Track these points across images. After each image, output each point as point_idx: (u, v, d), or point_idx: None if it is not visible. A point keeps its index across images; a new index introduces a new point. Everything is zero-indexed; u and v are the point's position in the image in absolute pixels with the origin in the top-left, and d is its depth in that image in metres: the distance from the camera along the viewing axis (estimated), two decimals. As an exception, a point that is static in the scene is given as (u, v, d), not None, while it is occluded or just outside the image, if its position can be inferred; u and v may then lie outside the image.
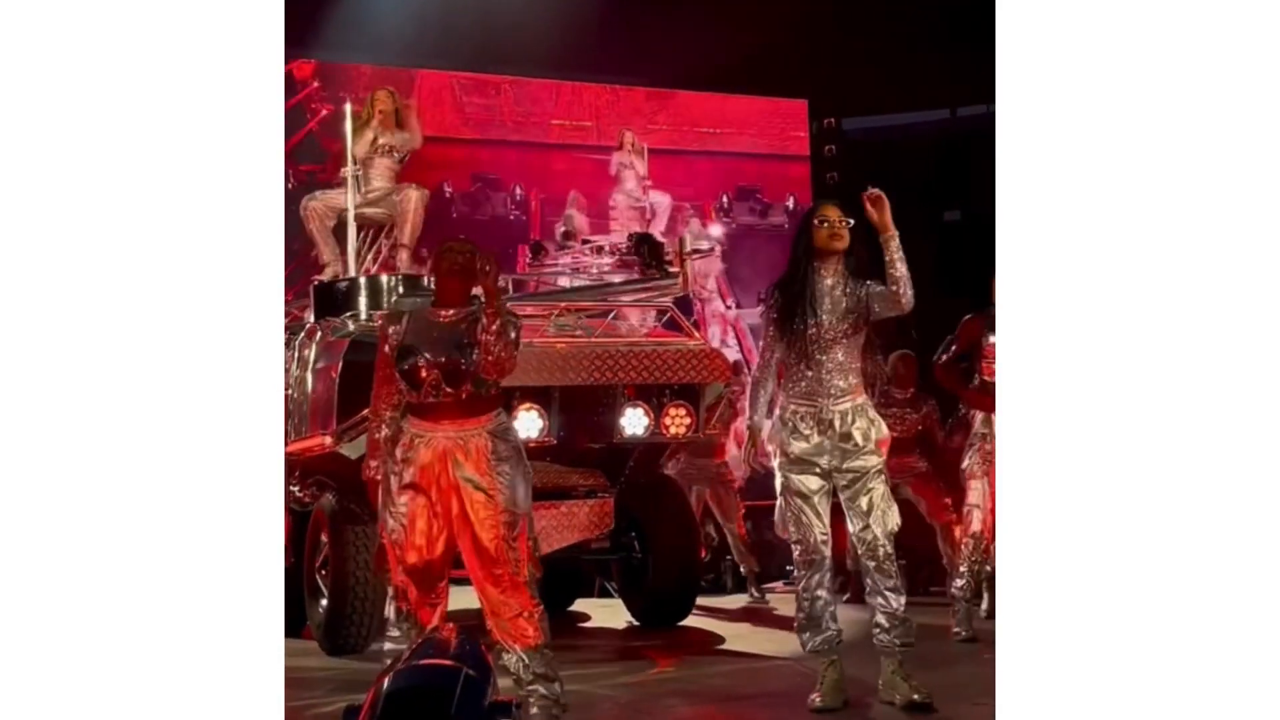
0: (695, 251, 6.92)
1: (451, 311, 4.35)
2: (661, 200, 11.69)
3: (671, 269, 6.72)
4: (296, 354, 6.60)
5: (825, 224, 4.49)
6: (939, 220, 13.52)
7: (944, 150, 13.21)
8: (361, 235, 7.26)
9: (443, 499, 4.27)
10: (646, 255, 6.72)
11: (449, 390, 4.25)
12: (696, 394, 6.52)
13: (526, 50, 11.19)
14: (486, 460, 4.26)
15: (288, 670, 5.49)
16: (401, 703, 3.00)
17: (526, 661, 4.20)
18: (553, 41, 11.06)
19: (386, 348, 4.35)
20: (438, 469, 4.27)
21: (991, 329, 5.96)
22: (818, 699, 4.47)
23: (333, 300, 6.71)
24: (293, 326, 6.80)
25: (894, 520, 4.51)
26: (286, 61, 2.80)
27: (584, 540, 6.60)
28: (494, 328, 4.11)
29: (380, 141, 7.28)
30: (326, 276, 7.15)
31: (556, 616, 7.66)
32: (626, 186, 11.37)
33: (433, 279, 4.73)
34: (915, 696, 4.38)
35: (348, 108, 7.22)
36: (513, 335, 4.21)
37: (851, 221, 4.49)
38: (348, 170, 7.06)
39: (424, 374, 4.27)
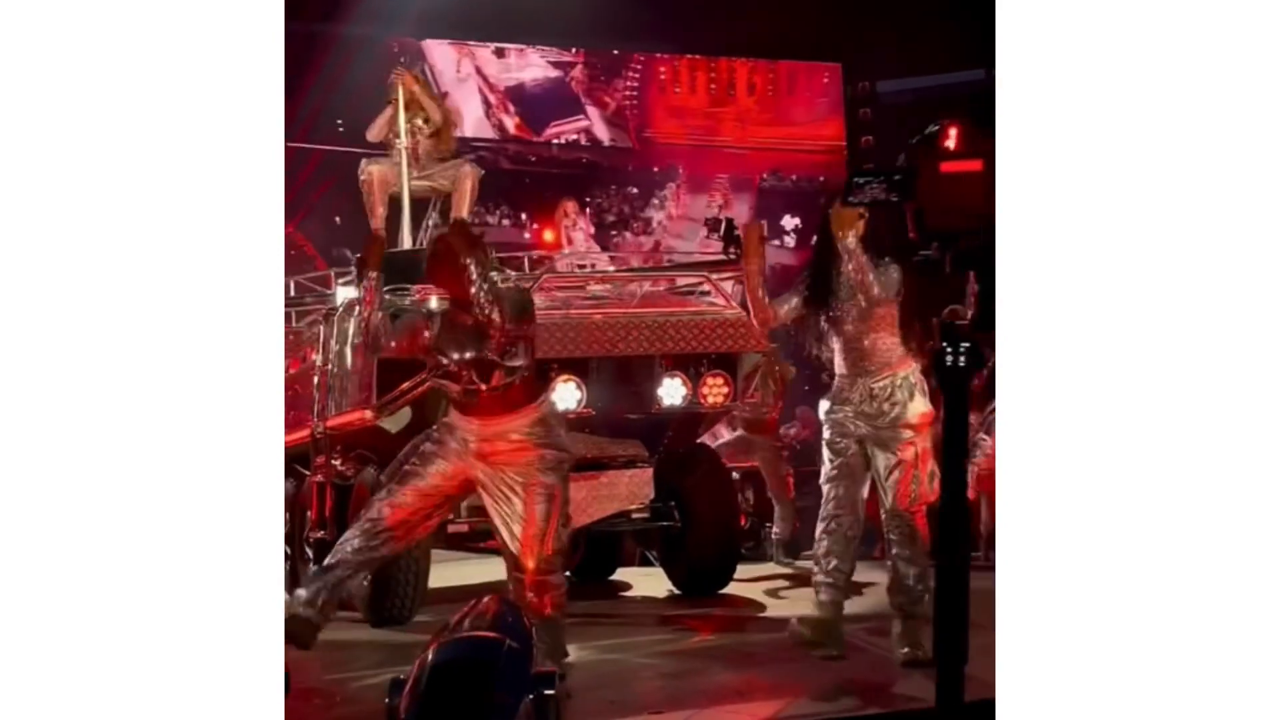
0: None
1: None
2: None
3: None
4: (336, 329, 6.64)
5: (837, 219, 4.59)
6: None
7: (979, 110, 13.10)
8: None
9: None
10: (726, 240, 6.80)
11: (482, 384, 4.32)
12: (734, 363, 6.53)
13: (552, 18, 11.13)
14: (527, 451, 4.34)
15: (333, 643, 5.58)
16: (446, 675, 3.04)
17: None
18: (584, 9, 11.01)
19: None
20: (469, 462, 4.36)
21: None
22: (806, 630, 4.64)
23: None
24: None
25: (919, 494, 4.61)
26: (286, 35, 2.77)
27: (624, 510, 6.63)
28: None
29: (405, 126, 7.29)
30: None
31: (598, 585, 7.76)
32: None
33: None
34: (916, 653, 4.52)
35: (399, 83, 7.19)
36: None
37: (865, 214, 4.56)
38: (401, 142, 7.05)
39: (455, 370, 4.37)
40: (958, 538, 2.37)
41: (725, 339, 6.40)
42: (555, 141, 13.36)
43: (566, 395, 6.16)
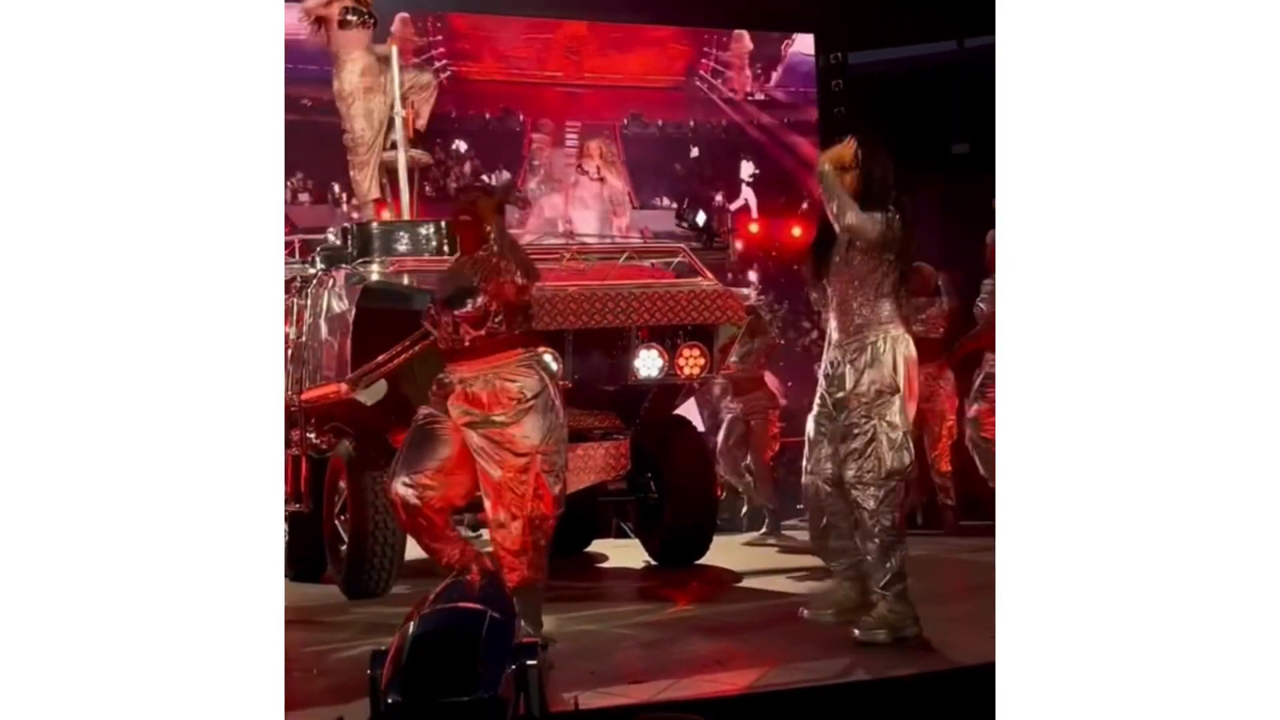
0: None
1: (466, 257, 4.62)
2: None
3: (719, 241, 6.82)
4: (310, 301, 6.60)
5: (821, 180, 4.55)
6: (947, 153, 13.45)
7: (951, 82, 13.11)
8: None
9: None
10: (706, 236, 6.81)
11: (463, 332, 4.48)
12: (710, 334, 6.53)
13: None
14: (504, 399, 4.49)
15: (311, 615, 5.58)
16: (428, 646, 3.03)
17: None
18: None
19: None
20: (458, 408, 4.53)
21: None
22: (859, 632, 4.47)
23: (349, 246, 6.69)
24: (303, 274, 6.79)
25: (890, 463, 4.44)
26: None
27: (600, 482, 6.64)
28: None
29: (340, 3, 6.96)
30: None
31: (574, 558, 7.77)
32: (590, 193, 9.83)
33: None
34: (876, 635, 4.38)
35: (394, 50, 7.03)
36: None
37: (842, 173, 4.49)
38: (396, 111, 6.92)
39: (434, 316, 4.55)
40: None
41: (702, 311, 6.39)
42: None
43: (542, 367, 6.16)
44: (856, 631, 4.43)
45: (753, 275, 11.71)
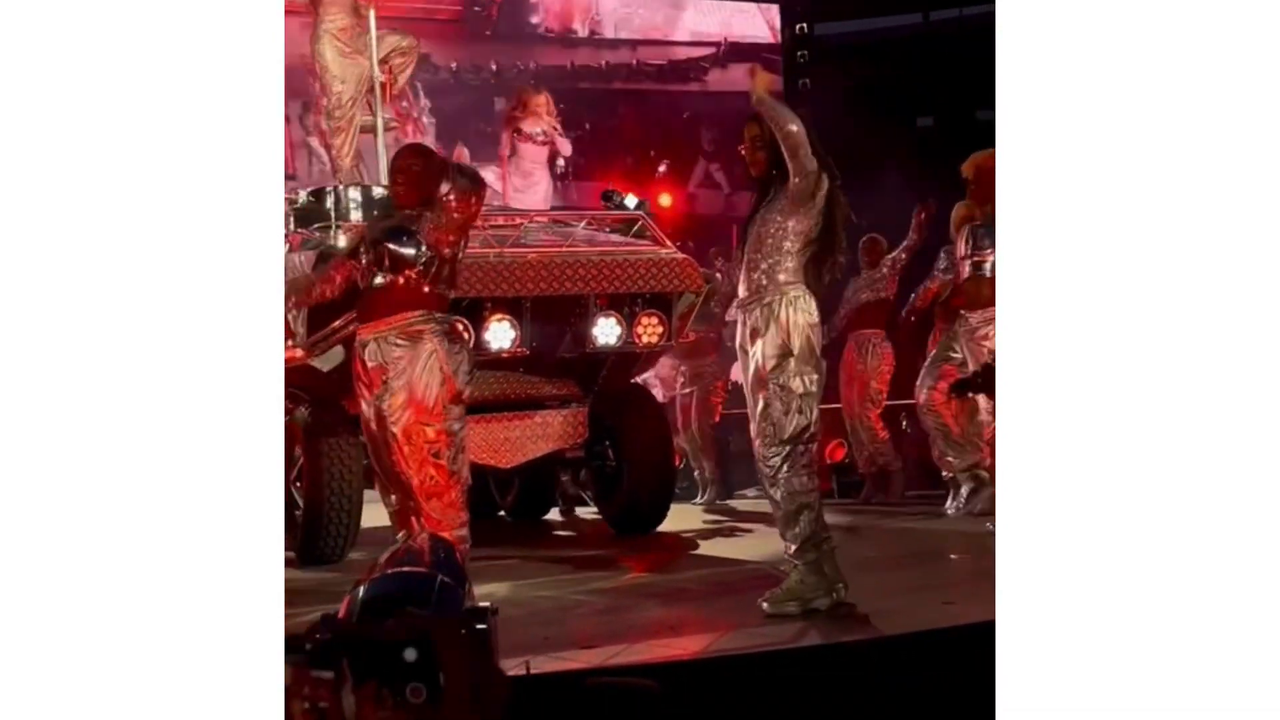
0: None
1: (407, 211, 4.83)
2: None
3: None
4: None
5: (742, 148, 4.47)
6: (912, 126, 13.48)
7: (916, 55, 13.13)
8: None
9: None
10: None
11: (383, 277, 4.74)
12: (669, 303, 6.53)
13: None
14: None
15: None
16: (377, 610, 3.03)
17: None
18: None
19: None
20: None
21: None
22: (766, 605, 4.36)
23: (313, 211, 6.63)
24: None
25: (788, 428, 4.30)
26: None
27: (558, 450, 6.64)
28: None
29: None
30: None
31: (532, 525, 7.78)
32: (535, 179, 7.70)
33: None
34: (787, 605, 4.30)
35: (372, 13, 6.78)
36: None
37: (754, 141, 4.38)
38: (376, 76, 6.80)
39: (364, 259, 4.79)
40: None
41: (660, 279, 6.39)
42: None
43: (500, 334, 6.14)
44: (765, 604, 4.31)
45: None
